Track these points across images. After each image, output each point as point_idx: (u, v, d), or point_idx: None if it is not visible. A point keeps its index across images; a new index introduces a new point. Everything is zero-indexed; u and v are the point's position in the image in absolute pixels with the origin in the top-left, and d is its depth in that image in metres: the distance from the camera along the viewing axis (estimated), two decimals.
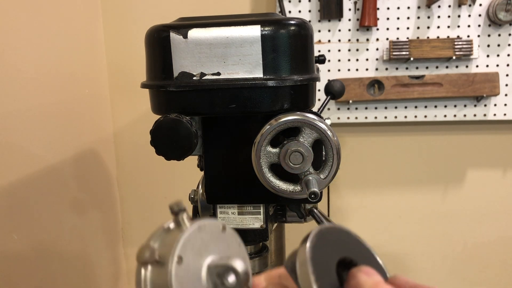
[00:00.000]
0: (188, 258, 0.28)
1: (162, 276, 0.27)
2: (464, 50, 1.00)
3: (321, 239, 0.29)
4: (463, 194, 1.14)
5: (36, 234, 0.84)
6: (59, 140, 0.92)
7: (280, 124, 0.53)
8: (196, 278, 0.28)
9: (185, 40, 0.54)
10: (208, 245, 0.30)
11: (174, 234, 0.29)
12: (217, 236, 0.31)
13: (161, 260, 0.28)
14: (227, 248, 0.32)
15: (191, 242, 0.28)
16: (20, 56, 0.81)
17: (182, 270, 0.27)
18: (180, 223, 0.29)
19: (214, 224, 0.31)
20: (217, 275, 0.29)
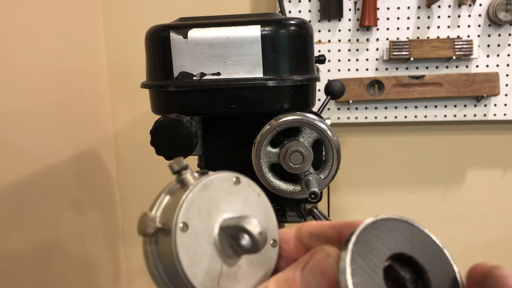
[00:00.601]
0: (195, 223, 0.25)
1: (166, 246, 0.24)
2: (464, 50, 1.00)
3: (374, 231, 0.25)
4: (463, 194, 1.14)
5: (36, 234, 0.84)
6: (59, 140, 0.92)
7: (280, 124, 0.53)
8: (208, 242, 0.25)
9: (185, 40, 0.54)
10: (218, 203, 0.26)
11: (176, 197, 0.26)
12: (230, 191, 0.27)
13: (165, 227, 0.24)
14: (243, 202, 0.28)
15: (197, 203, 0.25)
16: (20, 56, 0.81)
17: (189, 238, 0.24)
18: (183, 183, 0.26)
19: (224, 177, 0.27)
20: (232, 237, 0.25)
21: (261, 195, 0.29)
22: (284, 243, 0.29)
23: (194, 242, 0.24)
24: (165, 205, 0.26)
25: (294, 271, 0.25)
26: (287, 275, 0.25)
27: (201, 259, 0.25)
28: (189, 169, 0.26)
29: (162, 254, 0.25)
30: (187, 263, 0.24)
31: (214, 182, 0.26)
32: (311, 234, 0.28)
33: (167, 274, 0.25)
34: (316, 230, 0.28)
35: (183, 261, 0.24)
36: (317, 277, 0.25)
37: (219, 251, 0.25)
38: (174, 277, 0.24)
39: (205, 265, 0.25)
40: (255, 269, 0.27)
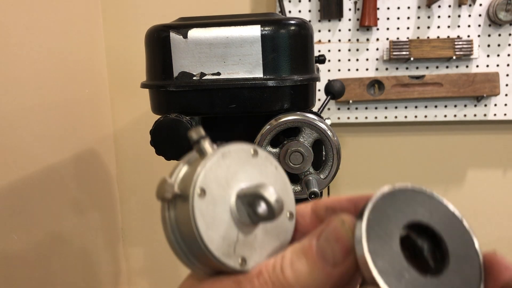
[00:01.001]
0: (212, 190, 0.25)
1: (184, 211, 0.24)
2: (464, 50, 0.99)
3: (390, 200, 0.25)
4: (463, 194, 1.14)
5: (35, 234, 0.84)
6: (59, 140, 0.92)
7: (280, 124, 0.53)
8: (225, 209, 0.25)
9: (185, 40, 0.54)
10: (236, 173, 0.26)
11: (195, 164, 0.26)
12: (247, 162, 0.27)
13: (182, 194, 0.25)
14: (261, 174, 0.28)
15: (215, 171, 0.25)
16: (20, 56, 0.81)
17: (206, 204, 0.25)
18: (202, 152, 0.26)
19: (242, 148, 0.27)
20: (248, 205, 0.25)
21: (278, 168, 0.29)
22: (300, 217, 0.29)
23: (211, 208, 0.25)
24: (184, 174, 0.26)
25: (310, 240, 0.25)
26: (303, 244, 0.25)
27: (218, 225, 0.25)
28: (208, 139, 0.26)
29: (180, 220, 0.25)
30: (204, 228, 0.24)
31: (233, 152, 0.27)
32: (328, 208, 0.28)
33: (184, 239, 0.25)
34: (332, 204, 0.28)
35: (200, 226, 0.24)
36: (332, 244, 0.24)
37: (236, 219, 0.26)
38: (191, 242, 0.25)
39: (221, 231, 0.25)
40: (271, 240, 0.27)
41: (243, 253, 0.26)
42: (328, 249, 0.24)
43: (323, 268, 0.24)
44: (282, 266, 0.24)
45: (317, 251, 0.25)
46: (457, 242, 0.25)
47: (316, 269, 0.24)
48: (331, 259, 0.24)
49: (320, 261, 0.24)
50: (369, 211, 0.24)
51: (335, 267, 0.24)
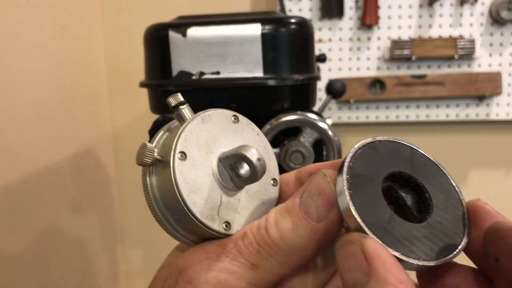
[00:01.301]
0: (193, 153, 0.25)
1: (165, 175, 0.24)
2: (466, 49, 0.99)
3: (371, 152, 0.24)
4: (465, 194, 1.13)
5: (33, 234, 0.84)
6: (57, 139, 0.92)
7: (280, 123, 0.52)
8: (207, 173, 0.25)
9: (184, 38, 0.53)
10: (217, 137, 0.26)
11: (175, 130, 0.26)
12: (228, 128, 0.27)
13: (163, 159, 0.24)
14: (242, 139, 0.28)
15: (195, 135, 0.25)
16: (18, 55, 0.81)
17: (188, 167, 0.24)
18: (181, 118, 0.26)
19: (222, 114, 0.27)
20: (230, 168, 0.25)
21: (260, 134, 0.29)
22: (284, 185, 0.29)
23: (193, 172, 0.24)
24: (164, 139, 0.26)
25: (294, 199, 0.25)
26: (286, 204, 0.25)
27: (201, 188, 0.24)
28: (187, 105, 0.26)
29: (161, 185, 0.25)
30: (186, 191, 0.24)
31: (213, 117, 0.27)
32: (311, 174, 0.28)
33: (166, 205, 0.25)
34: (316, 169, 0.28)
35: (182, 189, 0.24)
36: (315, 198, 0.24)
37: (219, 182, 0.25)
38: (174, 207, 0.24)
39: (204, 195, 0.25)
40: (255, 204, 0.27)
41: (227, 216, 0.25)
42: (311, 204, 0.24)
43: (307, 223, 0.24)
44: (267, 226, 0.24)
45: (300, 207, 0.24)
46: (440, 192, 0.25)
47: (300, 225, 0.24)
48: (314, 213, 0.24)
49: (304, 217, 0.24)
50: (348, 162, 0.24)
51: (319, 222, 0.24)
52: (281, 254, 0.24)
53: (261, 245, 0.24)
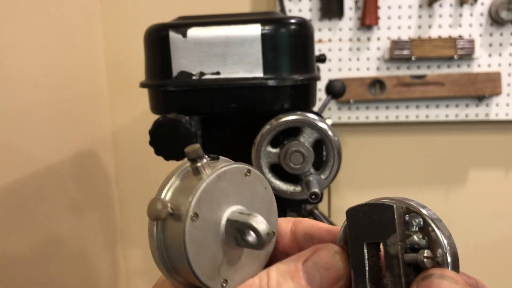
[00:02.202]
0: (205, 213, 0.25)
1: (174, 232, 0.25)
2: (466, 49, 0.99)
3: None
4: (465, 194, 1.14)
5: (34, 234, 0.84)
6: (57, 140, 0.92)
7: (280, 124, 0.52)
8: (214, 231, 0.26)
9: (184, 39, 0.53)
10: (228, 194, 0.27)
11: (190, 182, 0.26)
12: (240, 183, 0.27)
13: (175, 213, 0.25)
14: (251, 195, 0.28)
15: (209, 193, 0.25)
16: (18, 56, 0.81)
17: (198, 228, 0.25)
18: (198, 172, 0.26)
19: (236, 169, 0.27)
20: (237, 230, 0.26)
21: (267, 188, 0.30)
22: (279, 237, 0.30)
23: (202, 232, 0.25)
24: (176, 189, 0.26)
25: (296, 263, 0.26)
26: (288, 266, 0.26)
27: (206, 249, 0.25)
28: (205, 158, 0.26)
29: (169, 239, 0.25)
30: (193, 252, 0.24)
31: (228, 173, 0.27)
32: (306, 234, 0.29)
33: (170, 258, 0.25)
34: (311, 231, 0.29)
35: (189, 251, 0.24)
36: (321, 272, 0.26)
37: (223, 241, 0.26)
38: (178, 262, 0.25)
39: (209, 255, 0.25)
40: (252, 260, 0.28)
41: (226, 275, 0.26)
42: (317, 276, 0.26)
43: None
44: (269, 286, 0.25)
45: (304, 275, 0.26)
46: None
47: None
48: (318, 285, 0.26)
49: (306, 285, 0.25)
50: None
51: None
52: None
53: None
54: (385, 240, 0.26)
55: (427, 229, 0.26)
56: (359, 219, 0.27)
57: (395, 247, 0.25)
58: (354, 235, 0.26)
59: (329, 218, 0.66)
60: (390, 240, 0.25)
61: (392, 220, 0.26)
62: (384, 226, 0.26)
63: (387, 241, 0.25)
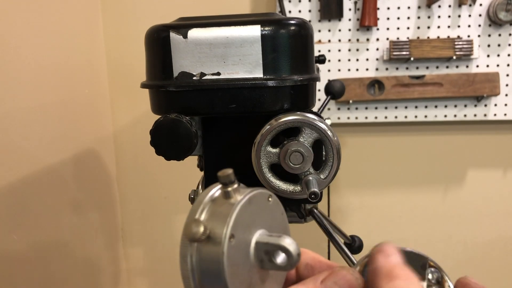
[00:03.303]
0: (239, 235, 0.26)
1: (211, 254, 0.25)
2: (464, 50, 0.99)
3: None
4: (463, 194, 1.14)
5: (35, 234, 0.84)
6: (59, 140, 0.92)
7: (280, 124, 0.52)
8: (245, 254, 0.26)
9: (185, 40, 0.54)
10: (255, 218, 0.27)
11: (222, 207, 0.26)
12: (264, 207, 0.29)
13: (211, 235, 0.25)
14: (273, 219, 0.29)
15: (242, 217, 0.26)
16: (20, 56, 0.81)
17: (234, 249, 0.25)
18: (230, 196, 0.27)
19: (261, 194, 0.29)
20: (265, 252, 0.27)
21: (283, 214, 0.31)
22: None
23: (237, 254, 0.26)
24: (210, 212, 0.27)
25: (314, 283, 0.28)
26: (307, 286, 0.27)
27: (241, 272, 0.26)
28: (236, 183, 0.27)
29: (206, 261, 0.25)
30: (231, 274, 0.25)
31: (257, 198, 0.28)
32: (308, 265, 0.31)
33: (203, 281, 0.25)
34: (313, 263, 0.31)
35: (227, 272, 0.25)
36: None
37: (252, 263, 0.27)
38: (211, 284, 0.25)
39: (242, 278, 0.26)
40: (273, 283, 0.29)
41: None
42: None
43: None
44: None
45: None
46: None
47: None
48: None
49: None
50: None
51: None
52: None
53: None
54: None
55: (443, 283, 0.30)
56: None
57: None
58: None
59: (328, 218, 0.66)
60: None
61: (424, 268, 0.29)
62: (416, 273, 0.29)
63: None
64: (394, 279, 0.26)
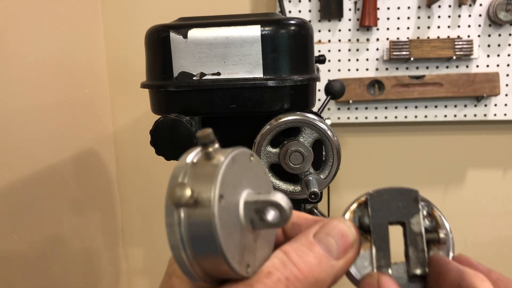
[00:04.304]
0: (227, 196, 0.24)
1: (201, 218, 0.23)
2: (464, 50, 0.99)
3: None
4: (463, 194, 1.14)
5: (35, 234, 0.84)
6: (59, 140, 0.92)
7: (280, 124, 0.52)
8: (235, 216, 0.25)
9: (185, 40, 0.54)
10: (240, 178, 0.26)
11: (205, 168, 0.25)
12: (247, 167, 0.27)
13: (198, 198, 0.24)
14: (257, 179, 0.28)
15: (228, 177, 0.25)
16: (19, 56, 0.81)
17: (223, 210, 0.24)
18: (211, 156, 0.25)
19: (243, 153, 0.27)
20: (256, 211, 0.25)
21: (266, 173, 0.30)
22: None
23: (227, 216, 0.24)
24: (192, 175, 0.25)
25: (307, 237, 0.27)
26: (300, 242, 0.27)
27: (233, 234, 0.25)
28: (217, 142, 0.26)
29: (195, 226, 0.24)
30: (224, 237, 0.23)
31: (239, 157, 0.27)
32: (294, 224, 0.31)
33: (193, 247, 0.24)
34: (299, 221, 0.31)
35: (220, 234, 0.23)
36: (337, 238, 0.27)
37: (243, 225, 0.26)
38: (204, 250, 0.24)
39: (235, 239, 0.25)
40: (264, 244, 0.28)
41: (248, 259, 0.26)
42: (333, 243, 0.27)
43: (328, 259, 0.27)
44: (294, 262, 0.26)
45: (321, 245, 0.27)
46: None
47: (323, 260, 0.26)
48: (335, 252, 0.27)
49: (325, 254, 0.27)
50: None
51: (337, 259, 0.27)
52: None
53: (290, 280, 0.25)
54: (410, 219, 0.30)
55: (434, 214, 0.30)
56: (383, 200, 0.30)
57: (419, 225, 0.29)
58: (377, 215, 0.30)
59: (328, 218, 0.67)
60: (415, 219, 0.29)
61: (416, 202, 0.30)
62: (409, 207, 0.30)
63: (412, 220, 0.29)
64: (485, 280, 0.25)
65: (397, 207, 0.30)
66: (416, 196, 0.30)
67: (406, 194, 0.30)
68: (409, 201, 0.30)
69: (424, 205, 0.30)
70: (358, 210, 0.31)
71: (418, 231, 0.29)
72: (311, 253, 0.26)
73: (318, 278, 0.26)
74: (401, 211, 0.30)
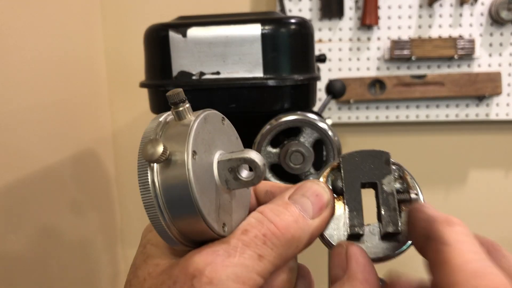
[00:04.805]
0: (201, 154, 0.24)
1: (175, 174, 0.23)
2: (466, 49, 0.99)
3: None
4: (465, 194, 1.14)
5: (33, 235, 0.84)
6: (57, 140, 0.92)
7: (280, 124, 0.52)
8: (209, 175, 0.25)
9: (184, 39, 0.53)
10: (213, 138, 0.26)
11: (177, 127, 0.25)
12: (219, 129, 0.28)
13: (172, 156, 0.23)
14: (229, 142, 0.29)
15: (200, 135, 0.25)
16: (18, 56, 0.81)
17: (198, 166, 0.24)
18: (182, 116, 0.25)
19: (215, 114, 0.28)
20: (229, 170, 0.25)
21: (238, 138, 0.31)
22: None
23: (201, 173, 0.24)
24: (166, 135, 0.25)
25: (282, 199, 0.28)
26: (276, 203, 0.28)
27: (207, 191, 0.24)
28: (187, 102, 0.26)
29: (169, 183, 0.23)
30: (199, 192, 0.23)
31: (211, 117, 0.27)
32: (267, 192, 0.31)
33: (170, 205, 0.24)
34: (272, 189, 0.31)
35: (195, 190, 0.23)
36: (312, 199, 0.28)
37: (217, 184, 0.26)
38: (180, 208, 0.23)
39: (210, 196, 0.25)
40: (240, 205, 0.28)
41: (224, 218, 0.26)
42: (308, 203, 0.28)
43: (304, 218, 0.27)
44: (270, 219, 0.26)
45: (296, 205, 0.27)
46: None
47: (299, 219, 0.27)
48: (310, 211, 0.28)
49: (301, 213, 0.27)
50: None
51: (312, 218, 0.28)
52: (284, 245, 0.26)
53: (267, 236, 0.25)
54: (381, 180, 0.30)
55: (405, 176, 0.31)
56: (355, 162, 0.30)
57: (391, 186, 0.30)
58: (349, 176, 0.30)
59: None
60: (386, 180, 0.30)
61: (388, 163, 0.30)
62: (381, 169, 0.30)
63: (383, 181, 0.30)
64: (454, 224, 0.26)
65: (369, 168, 0.30)
66: (387, 158, 0.31)
67: (378, 156, 0.31)
68: (381, 163, 0.30)
69: (396, 168, 0.31)
70: (331, 174, 0.31)
71: (389, 191, 0.30)
72: (288, 212, 0.27)
73: (294, 235, 0.26)
74: (373, 172, 0.30)
